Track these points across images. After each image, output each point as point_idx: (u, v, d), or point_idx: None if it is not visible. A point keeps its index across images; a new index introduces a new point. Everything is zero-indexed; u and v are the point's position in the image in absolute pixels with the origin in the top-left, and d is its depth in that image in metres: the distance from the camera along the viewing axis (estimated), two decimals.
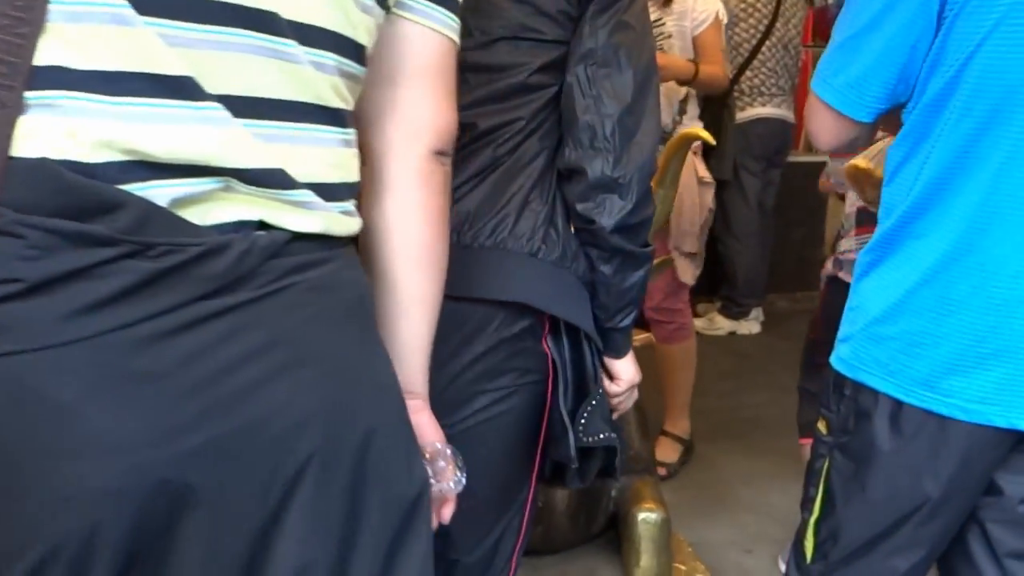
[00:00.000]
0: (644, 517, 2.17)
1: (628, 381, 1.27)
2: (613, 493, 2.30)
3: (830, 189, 2.08)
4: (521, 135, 1.13)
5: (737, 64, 3.76)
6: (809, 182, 2.09)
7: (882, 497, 1.19)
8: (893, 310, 1.15)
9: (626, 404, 1.31)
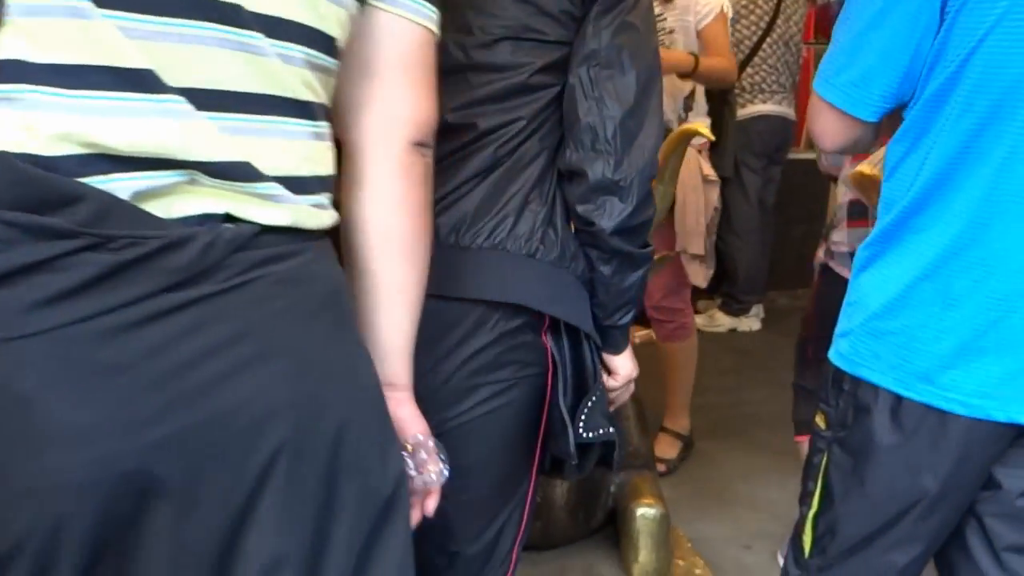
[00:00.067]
0: (643, 513, 2.17)
1: (625, 376, 1.28)
2: (612, 488, 2.30)
3: (827, 170, 2.08)
4: (522, 135, 1.12)
5: (738, 61, 3.75)
6: (810, 179, 2.09)
7: (881, 492, 1.19)
8: (893, 305, 1.15)
9: (622, 397, 1.31)
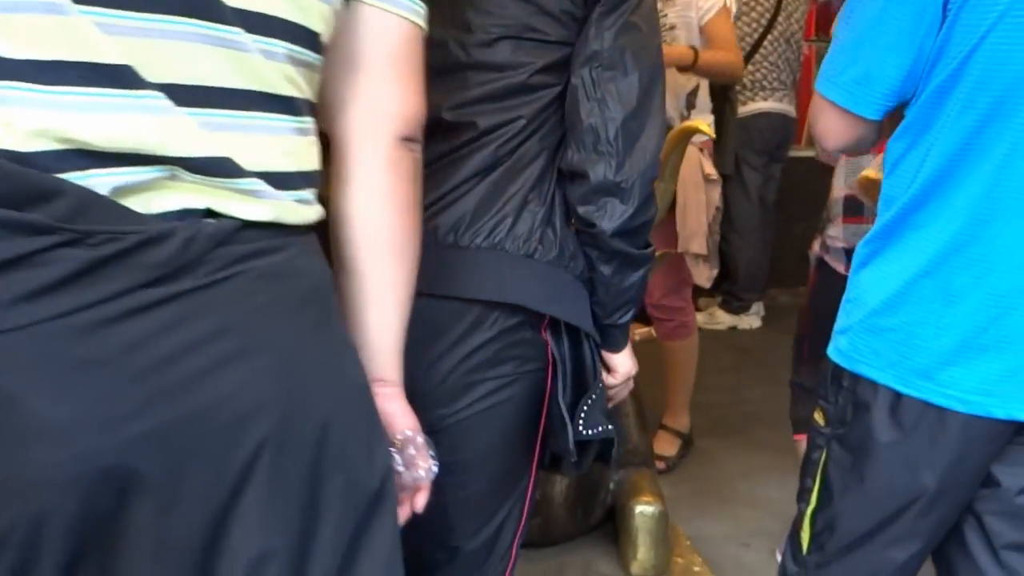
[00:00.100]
0: (641, 510, 2.17)
1: (625, 374, 1.28)
2: (611, 486, 2.30)
3: (826, 161, 2.08)
4: (522, 135, 1.12)
5: None
6: (810, 177, 2.08)
7: (880, 489, 1.19)
8: (893, 301, 1.15)
9: (621, 394, 1.31)
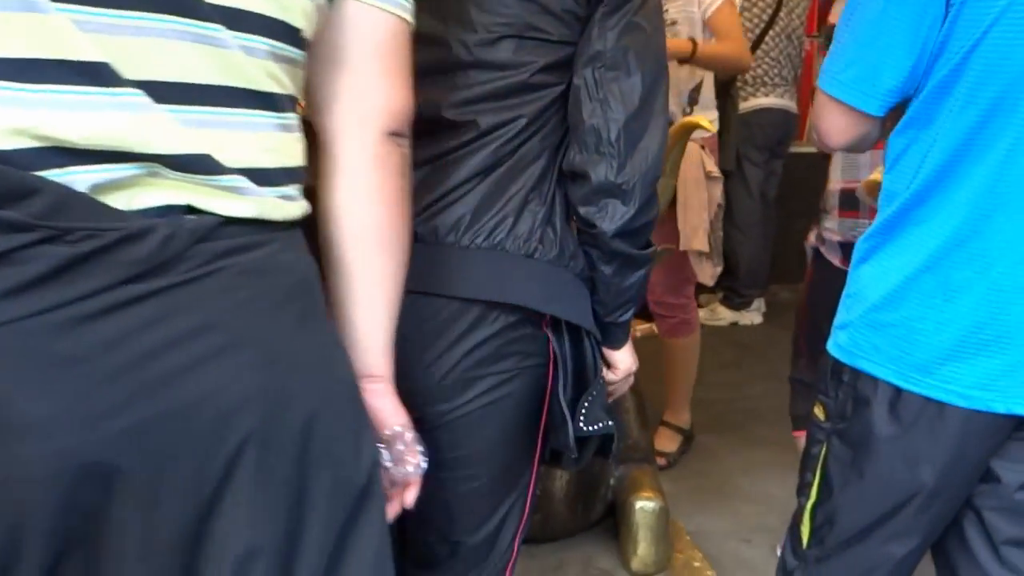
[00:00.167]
0: (642, 506, 2.17)
1: (625, 370, 1.28)
2: (611, 482, 2.30)
3: (821, 148, 2.08)
4: (523, 135, 1.12)
5: None
6: (812, 173, 2.07)
7: (879, 484, 1.19)
8: (893, 296, 1.15)
9: (621, 389, 1.31)
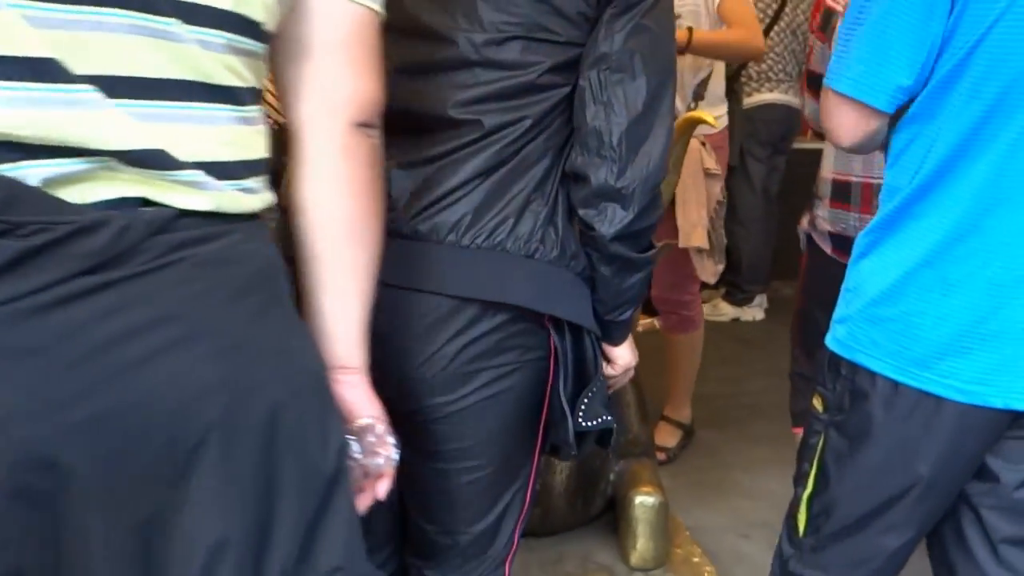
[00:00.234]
0: (641, 500, 2.17)
1: (624, 366, 1.28)
2: (611, 476, 2.30)
3: (815, 126, 2.08)
4: (528, 136, 1.11)
5: None
6: (814, 169, 2.07)
7: (875, 476, 1.20)
8: (892, 291, 1.15)
9: (620, 383, 1.31)
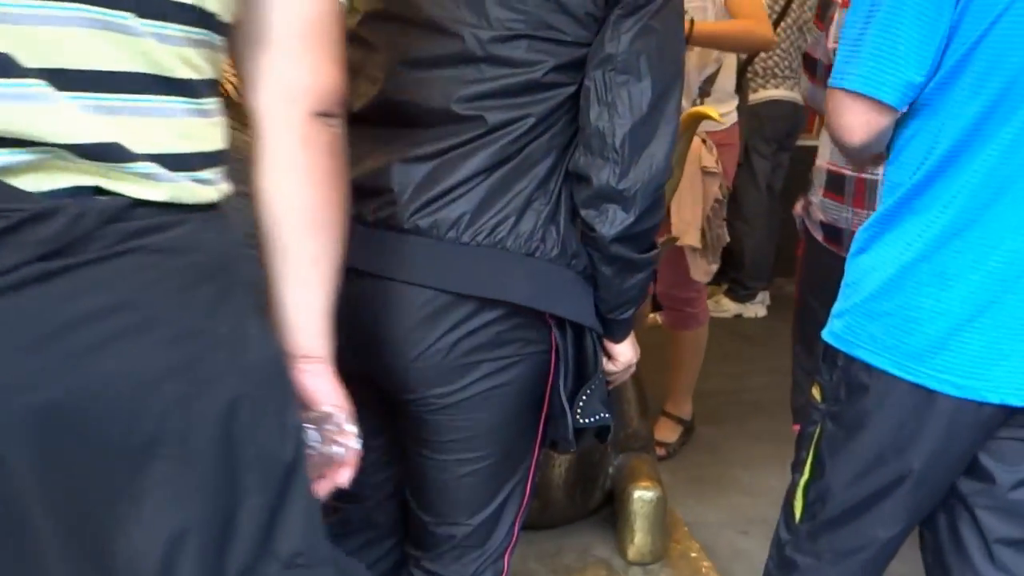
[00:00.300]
0: (640, 495, 2.18)
1: (625, 363, 1.28)
2: (610, 470, 2.30)
3: (813, 106, 2.08)
4: (531, 134, 1.11)
5: None
6: None
7: (868, 468, 1.21)
8: (890, 285, 1.15)
9: (620, 379, 1.32)
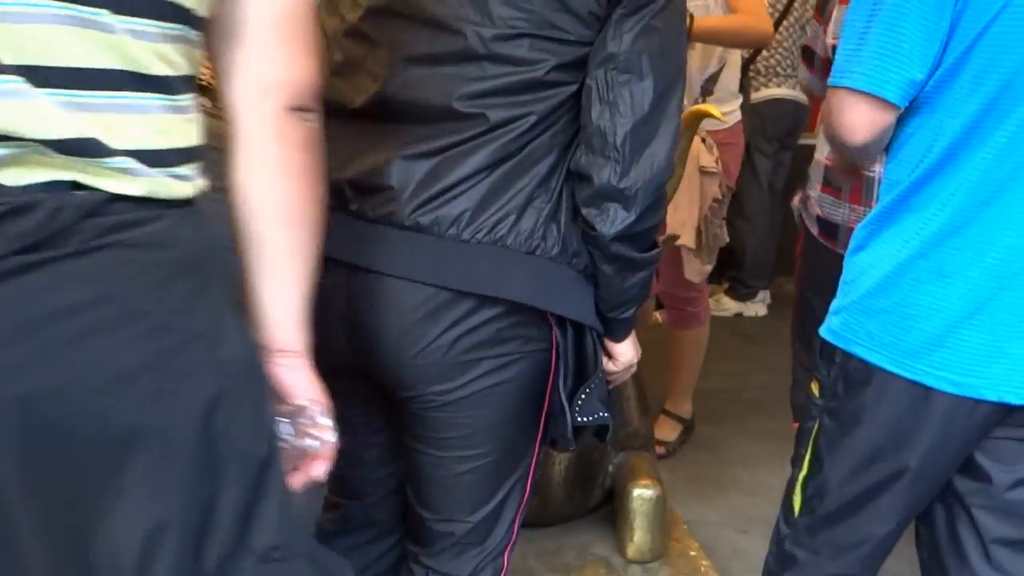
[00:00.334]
0: (639, 493, 2.18)
1: (626, 362, 1.28)
2: (610, 469, 2.30)
3: (810, 93, 2.08)
4: (533, 132, 1.11)
5: None
6: None
7: (865, 465, 1.22)
8: (887, 282, 1.16)
9: (621, 379, 1.32)
